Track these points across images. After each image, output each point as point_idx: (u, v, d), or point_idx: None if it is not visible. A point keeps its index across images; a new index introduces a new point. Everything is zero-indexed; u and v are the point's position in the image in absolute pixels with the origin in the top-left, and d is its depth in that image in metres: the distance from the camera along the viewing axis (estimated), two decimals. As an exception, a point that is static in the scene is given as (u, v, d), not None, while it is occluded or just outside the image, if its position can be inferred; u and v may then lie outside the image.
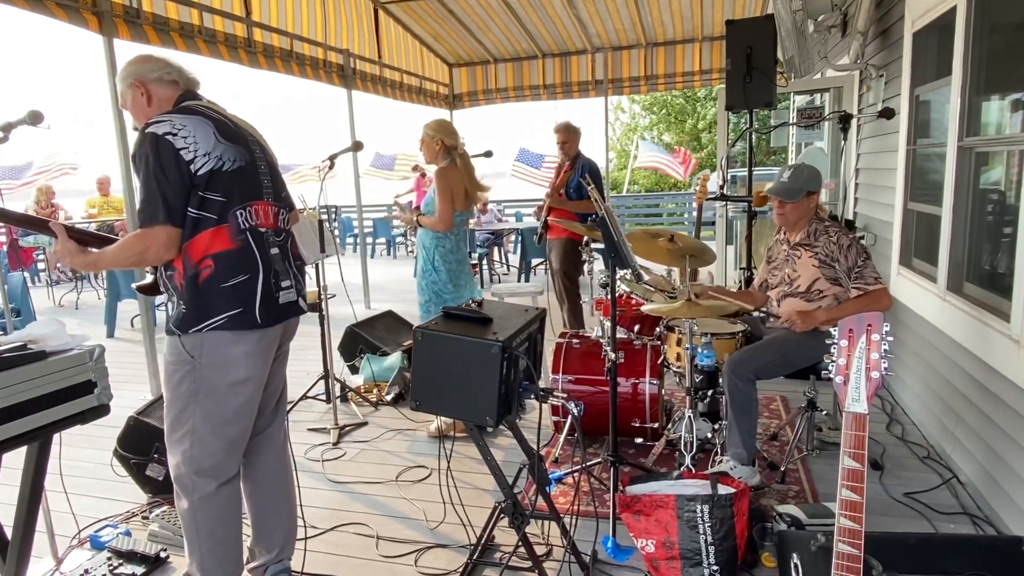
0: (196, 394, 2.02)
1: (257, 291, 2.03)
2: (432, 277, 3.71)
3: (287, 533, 2.36)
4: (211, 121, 2.01)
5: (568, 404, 2.14)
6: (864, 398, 1.47)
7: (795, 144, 8.18)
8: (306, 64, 6.26)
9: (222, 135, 2.02)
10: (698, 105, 20.97)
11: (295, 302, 2.21)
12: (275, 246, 2.14)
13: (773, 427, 3.60)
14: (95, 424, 2.04)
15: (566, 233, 4.74)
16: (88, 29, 3.97)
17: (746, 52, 4.56)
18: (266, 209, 2.12)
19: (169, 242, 1.91)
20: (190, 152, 1.92)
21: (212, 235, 1.96)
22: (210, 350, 1.99)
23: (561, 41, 8.44)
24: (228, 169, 1.99)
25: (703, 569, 2.24)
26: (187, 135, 1.93)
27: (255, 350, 2.05)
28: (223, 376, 2.02)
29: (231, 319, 1.98)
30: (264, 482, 2.32)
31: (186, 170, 1.91)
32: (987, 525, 2.60)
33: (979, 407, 2.76)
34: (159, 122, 1.93)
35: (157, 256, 1.93)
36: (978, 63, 2.89)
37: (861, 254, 2.82)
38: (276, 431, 2.35)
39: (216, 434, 2.06)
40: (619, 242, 2.52)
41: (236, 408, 2.07)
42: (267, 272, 2.07)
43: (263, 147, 2.21)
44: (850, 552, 1.46)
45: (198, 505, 2.08)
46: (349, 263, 8.11)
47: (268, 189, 2.15)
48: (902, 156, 3.80)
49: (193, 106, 2.06)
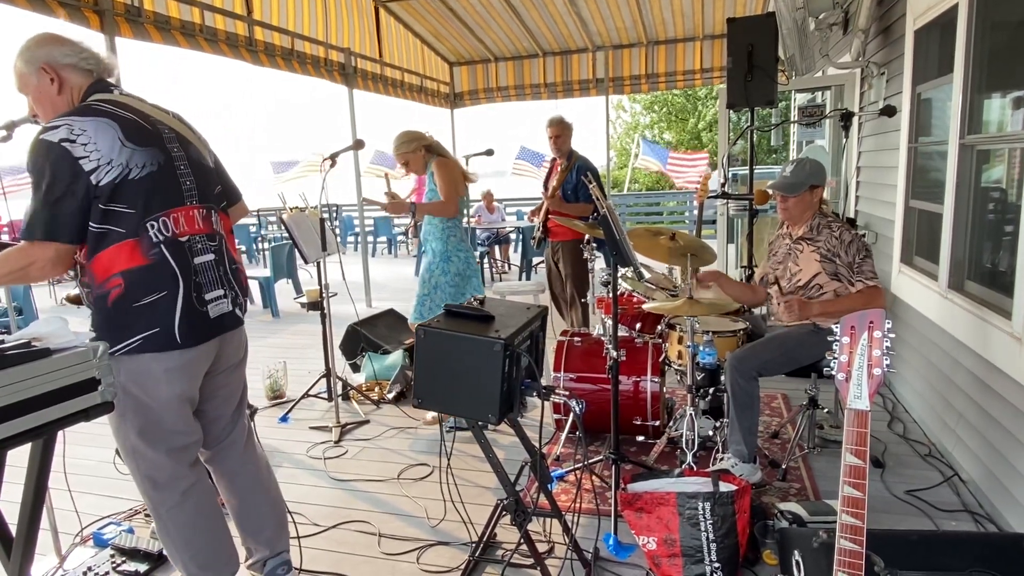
0: (124, 414, 1.92)
1: (176, 308, 1.86)
2: (443, 268, 3.69)
3: (274, 529, 2.31)
4: (117, 122, 1.80)
5: (570, 402, 2.14)
6: (866, 395, 1.47)
7: (796, 142, 8.17)
8: (307, 62, 6.26)
9: (129, 138, 1.80)
10: (699, 104, 20.95)
11: (230, 313, 2.04)
12: (206, 252, 1.97)
13: (774, 425, 3.60)
14: (97, 422, 2.03)
15: (572, 234, 4.55)
16: (89, 28, 3.98)
17: (747, 50, 4.56)
18: (188, 214, 1.93)
19: (57, 259, 1.75)
20: (91, 161, 1.72)
21: (119, 251, 1.79)
22: (128, 370, 1.86)
23: (562, 39, 8.44)
24: (136, 176, 1.79)
25: (705, 566, 2.24)
26: (87, 141, 1.73)
27: (177, 366, 1.91)
28: (147, 394, 1.90)
29: (147, 340, 1.83)
30: (236, 487, 2.26)
31: (85, 181, 1.72)
32: (988, 522, 2.60)
33: (980, 405, 2.76)
34: (55, 127, 1.73)
35: (41, 273, 1.76)
36: (980, 61, 2.89)
37: (861, 250, 2.81)
38: (237, 437, 2.26)
39: (156, 449, 1.97)
40: (621, 240, 2.52)
41: (170, 421, 1.97)
42: (188, 286, 1.89)
43: (185, 142, 1.99)
44: (852, 548, 1.46)
45: (167, 518, 2.03)
46: (350, 261, 8.11)
47: (191, 191, 1.95)
48: (903, 154, 3.80)
49: (98, 105, 1.83)
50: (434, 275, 3.71)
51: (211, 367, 2.08)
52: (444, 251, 3.71)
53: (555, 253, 4.75)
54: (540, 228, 4.78)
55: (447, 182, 3.62)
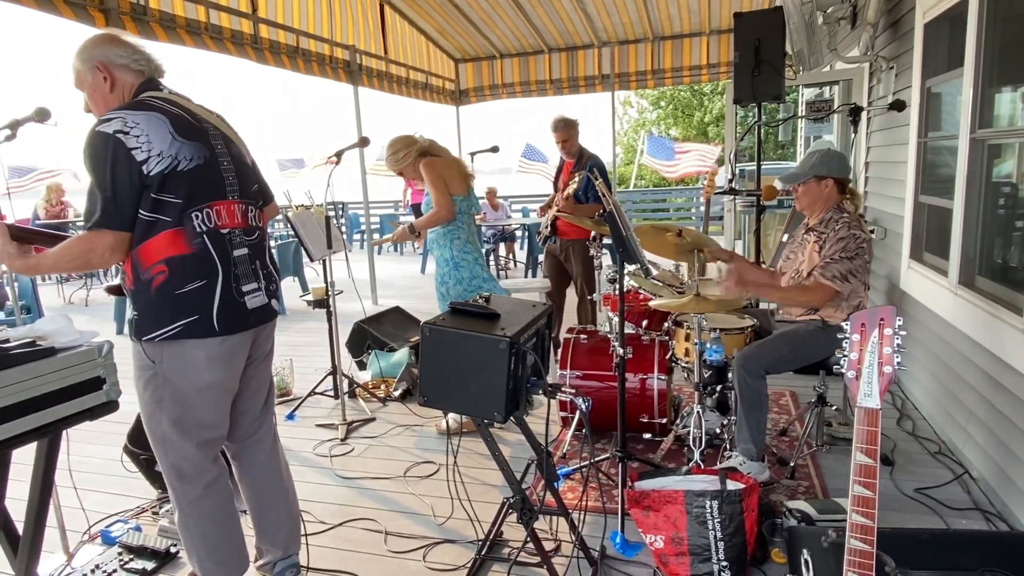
0: (161, 400, 1.96)
1: (215, 297, 1.93)
2: (454, 277, 3.55)
3: (289, 531, 2.34)
4: (167, 117, 1.90)
5: (576, 400, 2.13)
6: (876, 393, 1.46)
7: (803, 138, 8.12)
8: (312, 60, 6.26)
9: (179, 132, 1.90)
10: (705, 99, 20.88)
11: (266, 305, 2.11)
12: (243, 246, 2.04)
13: (782, 422, 3.58)
14: (105, 420, 2.05)
15: (583, 234, 4.48)
16: (95, 27, 3.98)
17: (754, 45, 4.53)
18: (229, 208, 2.01)
19: (116, 246, 1.83)
20: (143, 152, 1.81)
21: (166, 239, 1.86)
22: (171, 355, 1.92)
23: (567, 36, 8.40)
24: (184, 168, 1.88)
25: (712, 565, 2.23)
26: (139, 133, 1.82)
27: (217, 354, 1.97)
28: (186, 381, 1.95)
29: (187, 327, 1.89)
30: (259, 484, 2.29)
31: (137, 171, 1.80)
32: (999, 521, 2.58)
33: (991, 402, 2.73)
34: (109, 119, 1.82)
35: (102, 260, 1.83)
36: (991, 54, 2.86)
37: (848, 251, 2.73)
38: (265, 433, 2.31)
39: (188, 439, 2.01)
40: (627, 237, 2.51)
41: (205, 412, 2.02)
42: (227, 277, 1.96)
43: (228, 140, 2.09)
44: (862, 548, 1.44)
45: (189, 511, 2.06)
46: (356, 259, 8.11)
47: (232, 186, 2.04)
48: (913, 149, 3.76)
49: (149, 100, 1.93)
50: (448, 284, 3.57)
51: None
52: (452, 258, 3.55)
53: (564, 251, 4.67)
54: (548, 226, 4.69)
55: (434, 185, 3.45)
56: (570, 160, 4.65)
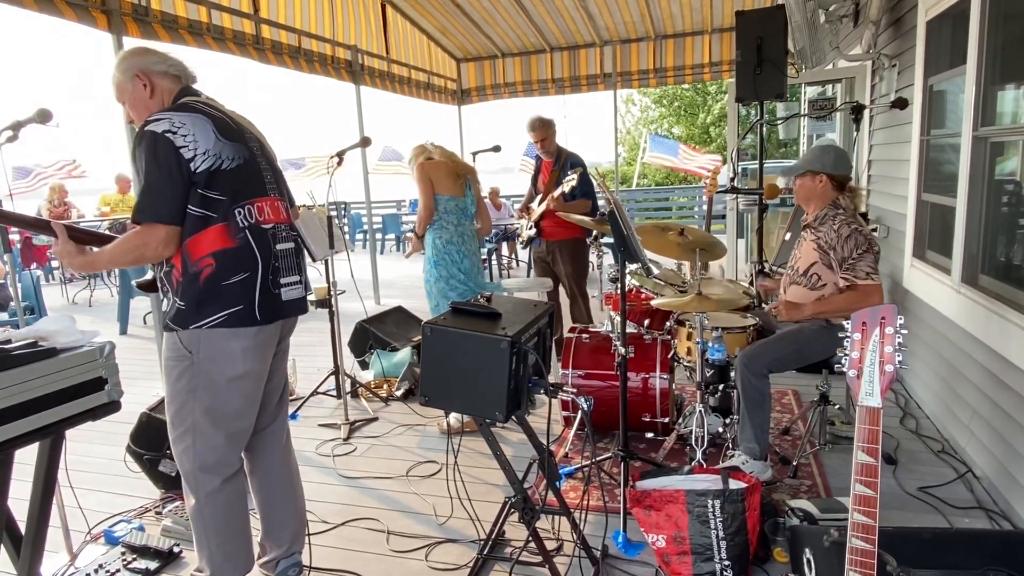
0: (195, 390, 2.02)
1: (256, 288, 2.03)
2: (435, 273, 3.62)
3: (296, 528, 2.37)
4: (210, 119, 2.00)
5: (578, 399, 2.13)
6: (878, 392, 1.45)
7: (806, 136, 8.10)
8: (314, 60, 6.26)
9: (221, 133, 2.00)
10: (708, 98, 20.84)
11: (301, 299, 2.21)
12: (289, 240, 2.16)
13: (785, 421, 3.57)
14: (108, 420, 2.06)
15: (568, 233, 4.46)
16: (97, 28, 3.98)
17: (756, 43, 4.52)
18: (273, 205, 2.12)
19: (168, 239, 1.91)
20: (190, 150, 1.91)
21: (214, 233, 1.96)
22: (208, 345, 2.00)
23: (569, 34, 8.39)
24: (228, 168, 1.98)
25: (715, 564, 2.23)
26: (187, 133, 1.91)
27: (252, 345, 2.05)
28: (221, 371, 2.02)
29: (231, 316, 1.98)
30: (270, 479, 2.33)
31: (186, 168, 1.90)
32: (1003, 520, 2.57)
33: (994, 400, 2.72)
34: (158, 120, 1.92)
35: (156, 254, 1.93)
36: (993, 51, 2.85)
37: (860, 246, 2.73)
38: (279, 427, 2.36)
39: (217, 429, 2.07)
40: (629, 236, 2.50)
41: (236, 403, 2.08)
42: (266, 269, 2.06)
43: (262, 144, 2.20)
44: (864, 548, 1.44)
45: (204, 502, 2.09)
46: (358, 259, 8.12)
47: (272, 184, 2.15)
48: (915, 147, 3.75)
49: (192, 103, 2.04)
50: (429, 283, 3.66)
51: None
52: (432, 255, 3.63)
53: (550, 253, 4.59)
54: (531, 227, 4.61)
55: (419, 185, 3.58)
56: (548, 159, 4.59)
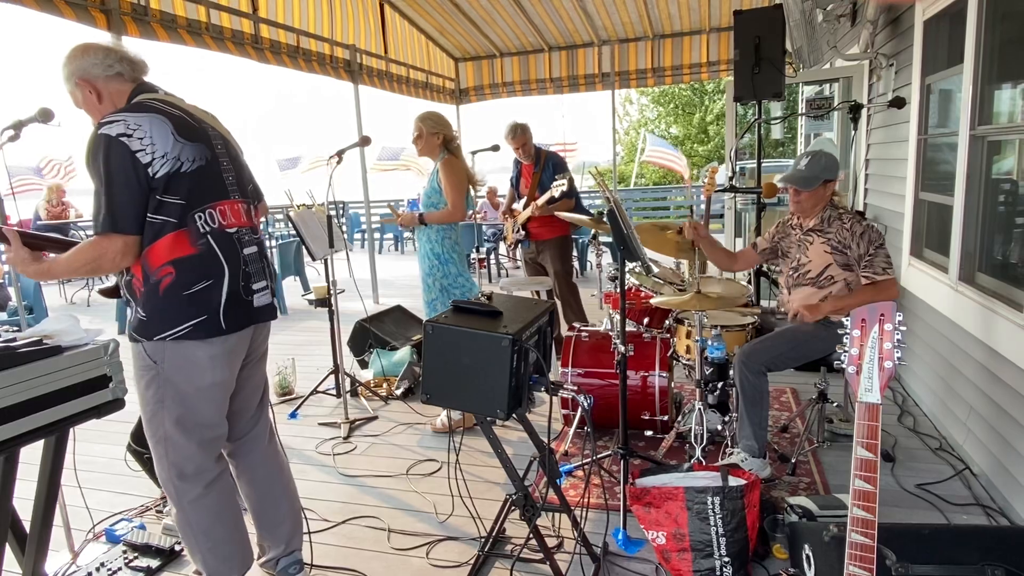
0: (163, 400, 1.97)
1: (221, 296, 1.95)
2: (442, 271, 3.63)
3: (291, 526, 2.34)
4: (169, 118, 1.90)
5: (578, 397, 2.14)
6: (877, 388, 1.47)
7: (804, 135, 8.12)
8: (313, 60, 6.27)
9: (181, 133, 1.90)
10: (706, 98, 20.88)
11: (270, 305, 2.15)
12: (252, 244, 2.07)
13: (784, 419, 3.59)
14: (109, 419, 2.06)
15: (557, 231, 4.50)
16: (96, 27, 3.99)
17: (754, 43, 4.53)
18: (234, 207, 2.03)
19: (126, 250, 1.83)
20: (147, 154, 1.81)
21: (172, 240, 1.87)
22: (173, 356, 1.93)
23: (567, 34, 8.40)
24: (188, 170, 1.89)
25: (714, 561, 2.24)
26: (143, 135, 1.81)
27: (221, 352, 1.99)
28: (189, 381, 1.96)
29: (195, 327, 1.91)
30: (257, 481, 2.29)
31: (143, 174, 1.80)
32: (1000, 516, 2.59)
33: (991, 397, 2.74)
34: (112, 122, 1.81)
35: (113, 264, 1.84)
36: (990, 51, 2.86)
37: (874, 242, 2.77)
38: (261, 432, 2.32)
39: (189, 439, 2.02)
40: (628, 235, 2.52)
41: (207, 411, 2.03)
42: (235, 275, 1.99)
43: (226, 141, 2.10)
44: (863, 542, 1.45)
45: (189, 510, 2.06)
46: (357, 258, 8.13)
47: (233, 186, 2.05)
48: (913, 146, 3.77)
49: (149, 102, 1.93)
50: (436, 278, 3.65)
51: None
52: (440, 253, 3.63)
53: (539, 253, 4.64)
54: (518, 230, 4.64)
55: (454, 186, 3.51)
56: (528, 163, 4.63)
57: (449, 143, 3.62)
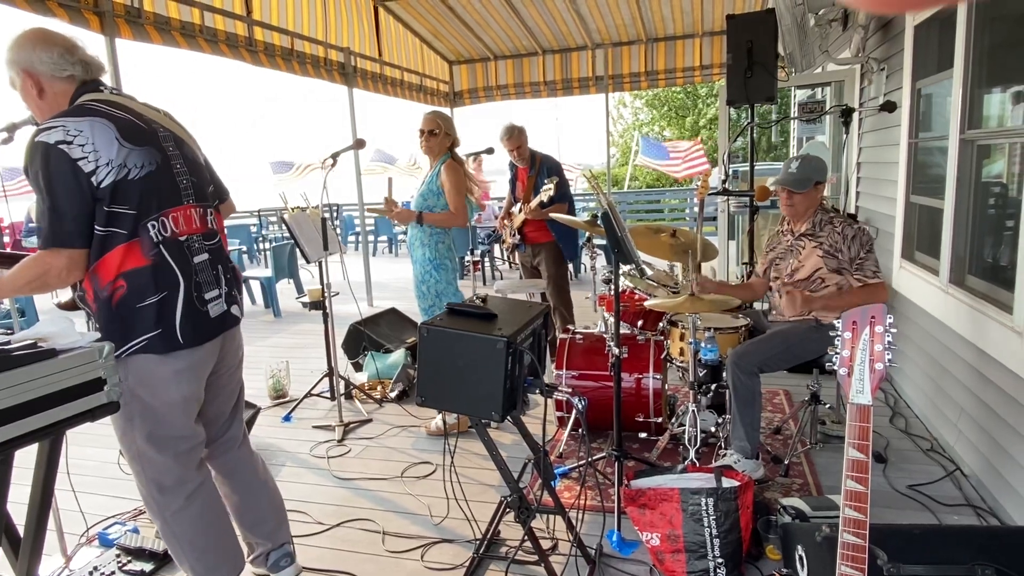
0: (132, 418, 1.91)
1: (177, 309, 1.86)
2: (435, 277, 3.63)
3: (275, 522, 2.32)
4: (113, 122, 1.77)
5: (572, 399, 2.15)
6: (868, 390, 1.48)
7: (796, 139, 8.16)
8: (307, 62, 6.27)
9: (126, 138, 1.78)
10: (699, 101, 20.96)
11: (226, 313, 2.04)
12: (203, 251, 1.97)
13: (777, 421, 3.61)
14: (102, 423, 2.04)
15: (550, 236, 4.52)
16: (90, 29, 3.98)
17: (747, 47, 4.56)
18: (187, 214, 1.93)
19: (71, 265, 1.73)
20: (89, 162, 1.69)
21: (122, 252, 1.78)
22: (136, 372, 1.86)
23: (561, 37, 8.43)
24: (136, 177, 1.77)
25: (708, 562, 2.25)
26: (84, 142, 1.69)
27: (185, 367, 1.92)
28: (155, 397, 1.90)
29: (151, 341, 1.83)
30: (234, 483, 2.26)
31: (87, 183, 1.69)
32: (990, 516, 2.61)
33: (981, 399, 2.77)
34: (50, 128, 1.68)
35: (59, 280, 1.76)
36: (980, 56, 2.90)
37: (865, 245, 2.81)
38: (235, 434, 2.27)
39: (163, 452, 1.96)
40: (622, 238, 2.53)
41: (177, 425, 1.97)
42: (188, 286, 1.90)
43: (179, 141, 1.97)
44: (855, 542, 1.47)
45: (172, 522, 2.02)
46: (352, 261, 8.09)
47: (187, 191, 1.95)
48: (904, 150, 3.80)
49: (91, 105, 1.79)
50: (428, 283, 3.66)
51: (214, 367, 2.09)
52: (434, 258, 3.62)
53: (535, 256, 4.66)
54: (514, 235, 4.65)
55: (457, 191, 3.52)
56: (523, 166, 4.64)
57: (454, 147, 3.65)
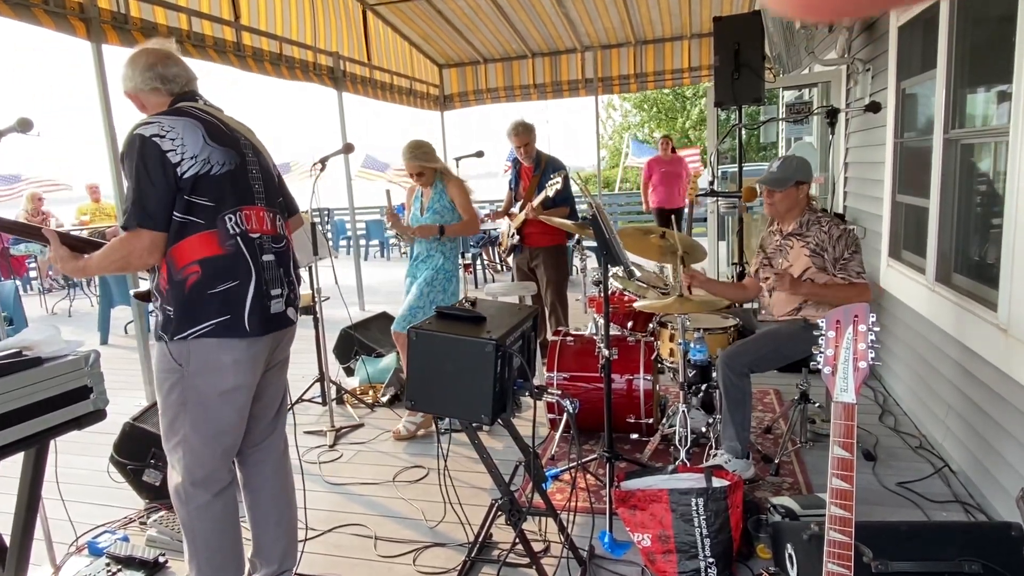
0: (185, 403, 1.99)
1: (247, 298, 1.98)
2: (443, 287, 3.71)
3: (287, 546, 2.33)
4: (201, 123, 1.98)
5: (563, 401, 2.16)
6: (852, 388, 1.49)
7: (784, 139, 8.22)
8: (296, 67, 6.26)
9: (211, 138, 1.98)
10: (687, 103, 21.05)
11: (283, 313, 2.13)
12: (271, 252, 2.09)
13: (767, 420, 3.62)
14: (90, 431, 2.04)
15: (555, 239, 4.45)
16: (76, 36, 3.96)
17: (734, 48, 4.60)
18: (259, 214, 2.07)
19: (152, 246, 1.88)
20: (177, 154, 1.89)
21: (199, 240, 1.92)
22: (197, 358, 1.95)
23: (551, 40, 8.46)
24: (216, 173, 1.95)
25: (699, 562, 2.26)
26: (175, 137, 1.90)
27: (244, 358, 2.00)
28: (212, 385, 1.98)
29: (218, 326, 1.94)
30: (263, 495, 2.29)
31: (172, 173, 1.87)
32: (978, 512, 2.63)
33: (968, 396, 2.79)
34: (148, 123, 1.91)
35: (141, 261, 1.90)
36: (962, 56, 2.93)
37: (850, 246, 2.84)
38: (276, 441, 2.32)
39: (207, 444, 2.03)
40: (611, 239, 2.54)
41: (227, 417, 2.04)
42: (259, 279, 2.02)
43: (257, 151, 2.16)
44: (841, 540, 1.48)
45: (195, 515, 2.07)
46: (342, 265, 8.07)
47: (260, 194, 2.10)
48: (889, 149, 3.83)
49: (185, 107, 2.02)
50: (435, 291, 3.70)
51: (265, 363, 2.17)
52: (450, 270, 3.71)
53: (533, 260, 4.55)
54: (514, 235, 4.58)
55: (467, 201, 3.71)
56: (528, 165, 4.56)
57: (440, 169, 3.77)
